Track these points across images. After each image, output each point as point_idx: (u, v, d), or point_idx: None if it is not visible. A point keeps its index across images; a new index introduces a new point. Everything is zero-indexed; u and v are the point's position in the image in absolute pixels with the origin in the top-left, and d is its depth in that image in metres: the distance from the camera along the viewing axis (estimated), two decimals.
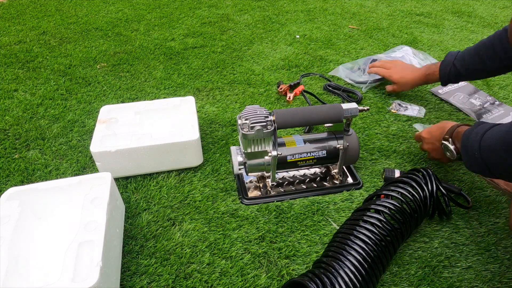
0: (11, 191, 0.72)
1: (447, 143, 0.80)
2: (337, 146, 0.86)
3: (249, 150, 0.81)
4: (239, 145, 0.86)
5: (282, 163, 0.85)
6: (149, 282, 0.70)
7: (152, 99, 1.06)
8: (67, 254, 0.62)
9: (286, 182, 0.92)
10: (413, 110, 1.16)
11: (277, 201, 0.87)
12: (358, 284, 0.61)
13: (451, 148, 0.79)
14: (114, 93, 1.26)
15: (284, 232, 0.80)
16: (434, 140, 0.87)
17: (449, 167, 0.96)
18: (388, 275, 0.71)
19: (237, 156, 0.84)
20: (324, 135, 0.89)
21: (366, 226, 0.68)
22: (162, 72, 1.38)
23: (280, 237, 0.79)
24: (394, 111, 1.17)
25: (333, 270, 0.62)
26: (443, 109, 1.18)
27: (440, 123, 0.88)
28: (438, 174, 0.94)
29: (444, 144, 0.81)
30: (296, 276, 0.69)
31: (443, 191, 0.78)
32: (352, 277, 0.61)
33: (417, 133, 0.95)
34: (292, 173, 0.95)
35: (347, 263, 0.63)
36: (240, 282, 0.70)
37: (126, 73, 1.38)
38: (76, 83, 1.32)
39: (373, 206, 0.73)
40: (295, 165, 0.87)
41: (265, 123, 0.77)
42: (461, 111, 1.18)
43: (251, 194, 0.88)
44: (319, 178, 0.93)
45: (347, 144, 0.86)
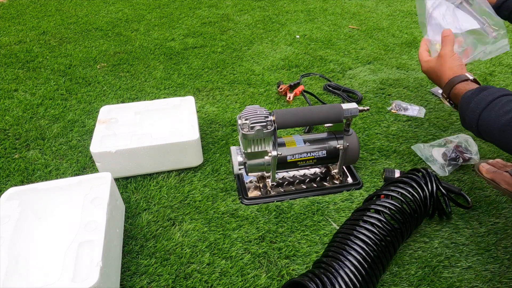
0: (11, 191, 0.72)
1: (444, 99, 0.77)
2: (337, 146, 0.86)
3: (249, 150, 0.81)
4: (239, 145, 0.86)
5: (282, 163, 0.85)
6: (149, 282, 0.70)
7: (152, 99, 1.06)
8: (67, 254, 0.62)
9: (286, 182, 0.92)
10: (413, 110, 1.16)
11: (277, 201, 0.87)
12: (358, 284, 0.61)
13: (448, 104, 0.77)
14: (114, 93, 1.26)
15: (284, 232, 0.80)
16: (435, 82, 0.82)
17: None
18: (388, 275, 0.71)
19: (237, 156, 0.84)
20: (324, 135, 0.89)
21: (366, 226, 0.68)
22: (162, 72, 1.38)
23: (280, 237, 0.79)
24: (394, 111, 1.17)
25: (333, 270, 0.62)
26: (443, 109, 1.18)
27: (437, 66, 0.79)
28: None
29: (442, 96, 0.78)
30: (296, 276, 0.69)
31: (443, 191, 0.78)
32: (352, 277, 0.61)
33: (422, 58, 0.84)
34: (292, 173, 0.95)
35: (347, 263, 0.63)
36: (240, 282, 0.70)
37: (126, 73, 1.38)
38: (76, 83, 1.32)
39: (373, 206, 0.73)
40: (295, 165, 0.87)
41: (265, 123, 0.77)
42: None
43: (251, 194, 0.88)
44: (319, 178, 0.93)
45: (347, 144, 0.86)
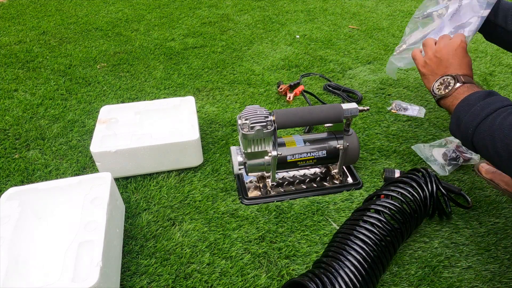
0: (11, 191, 0.72)
1: (452, 80, 0.72)
2: (337, 146, 0.86)
3: (249, 150, 0.81)
4: (239, 145, 0.86)
5: (282, 163, 0.85)
6: (149, 282, 0.70)
7: (152, 99, 1.06)
8: (67, 254, 0.62)
9: (286, 182, 0.92)
10: (413, 110, 1.16)
11: (277, 201, 0.87)
12: (358, 284, 0.61)
13: (452, 87, 0.71)
14: (114, 93, 1.26)
15: (284, 232, 0.80)
16: (428, 76, 0.78)
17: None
18: (388, 275, 0.71)
19: (237, 156, 0.84)
20: (324, 135, 0.89)
21: (366, 226, 0.68)
22: (162, 72, 1.38)
23: (280, 237, 0.79)
24: (394, 111, 1.17)
25: (333, 270, 0.62)
26: (443, 109, 1.18)
27: (440, 57, 0.75)
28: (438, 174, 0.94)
29: (448, 78, 0.73)
30: (296, 276, 0.69)
31: (443, 191, 0.78)
32: (352, 277, 0.61)
33: (414, 55, 0.81)
34: (292, 173, 0.95)
35: (347, 263, 0.63)
36: (240, 282, 0.70)
37: (126, 73, 1.38)
38: (76, 83, 1.32)
39: (373, 206, 0.73)
40: (295, 165, 0.87)
41: (265, 123, 0.77)
42: None
43: (251, 194, 0.88)
44: (319, 178, 0.93)
45: (347, 144, 0.86)
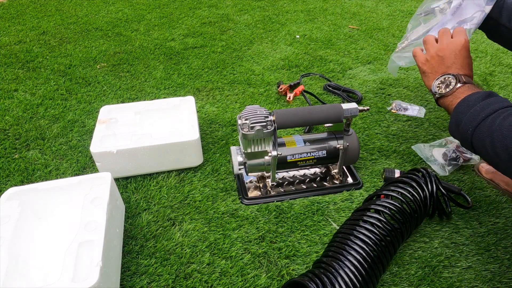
0: (11, 191, 0.72)
1: (453, 80, 0.72)
2: (337, 146, 0.86)
3: (249, 150, 0.81)
4: (239, 145, 0.86)
5: (282, 163, 0.85)
6: (149, 282, 0.70)
7: (152, 99, 1.06)
8: (67, 254, 0.62)
9: (286, 182, 0.92)
10: (413, 110, 1.16)
11: (277, 201, 0.87)
12: (358, 284, 0.61)
13: (453, 86, 0.72)
14: (114, 93, 1.26)
15: (284, 232, 0.80)
16: (428, 74, 0.78)
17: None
18: (388, 275, 0.71)
19: (237, 156, 0.84)
20: (324, 135, 0.89)
21: (366, 226, 0.68)
22: (162, 72, 1.38)
23: (280, 237, 0.79)
24: (394, 111, 1.17)
25: (333, 270, 0.62)
26: (443, 109, 1.18)
27: (442, 55, 0.76)
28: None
29: (449, 77, 0.74)
30: (296, 276, 0.69)
31: (443, 191, 0.78)
32: (352, 277, 0.61)
33: (415, 52, 0.81)
34: (292, 173, 0.95)
35: (347, 263, 0.63)
36: (240, 282, 0.70)
37: (126, 73, 1.38)
38: (76, 83, 1.32)
39: (373, 206, 0.73)
40: (295, 165, 0.87)
41: (265, 123, 0.77)
42: None
43: (251, 194, 0.88)
44: (319, 178, 0.93)
45: (347, 144, 0.86)
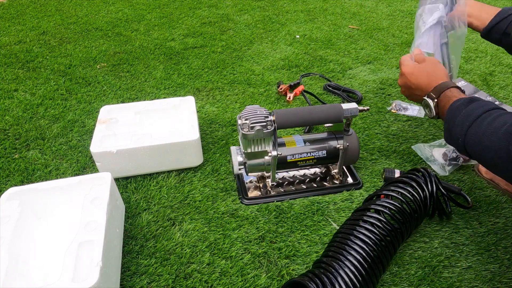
0: (11, 191, 0.72)
1: (430, 101, 0.72)
2: (337, 146, 0.86)
3: (249, 150, 0.81)
4: (239, 145, 0.86)
5: (282, 163, 0.85)
6: (149, 282, 0.70)
7: (152, 99, 1.06)
8: (67, 254, 0.62)
9: (286, 182, 0.92)
10: (413, 110, 1.16)
11: (277, 201, 0.87)
12: (358, 284, 0.61)
13: (432, 108, 0.71)
14: (114, 93, 1.26)
15: (284, 232, 0.80)
16: (415, 88, 0.76)
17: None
18: (388, 275, 0.71)
19: (237, 156, 0.84)
20: (324, 135, 0.89)
21: (366, 226, 0.68)
22: (162, 72, 1.38)
23: (280, 237, 0.79)
24: (394, 111, 1.17)
25: (333, 270, 0.62)
26: None
27: (430, 67, 0.76)
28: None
29: (426, 101, 0.73)
30: (296, 276, 0.69)
31: (443, 191, 0.78)
32: (352, 277, 0.61)
33: (403, 62, 0.80)
34: (292, 173, 0.95)
35: (347, 263, 0.63)
36: (240, 282, 0.70)
37: (126, 73, 1.38)
38: (76, 83, 1.32)
39: (373, 206, 0.73)
40: (295, 165, 0.87)
41: (265, 123, 0.77)
42: None
43: (251, 194, 0.88)
44: (319, 178, 0.93)
45: (347, 144, 0.86)
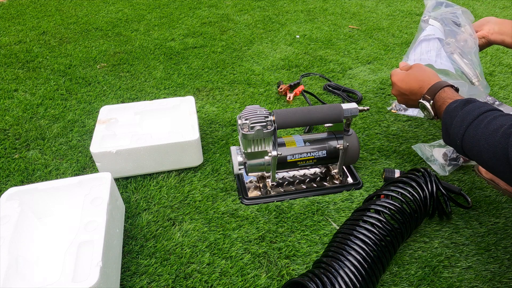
0: (11, 191, 0.72)
1: (426, 103, 0.72)
2: (337, 146, 0.86)
3: (249, 150, 0.81)
4: (239, 145, 0.86)
5: (282, 163, 0.85)
6: (149, 282, 0.70)
7: (152, 99, 1.06)
8: (67, 254, 0.62)
9: (286, 182, 0.92)
10: (413, 110, 1.16)
11: (277, 201, 0.87)
12: (358, 284, 0.61)
13: (430, 109, 0.72)
14: (114, 93, 1.26)
15: (284, 232, 0.80)
16: (409, 93, 0.77)
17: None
18: (388, 275, 0.71)
19: (237, 156, 0.84)
20: (324, 135, 0.89)
21: (366, 226, 0.68)
22: (162, 72, 1.38)
23: (280, 237, 0.79)
24: (394, 111, 1.17)
25: (333, 270, 0.62)
26: None
27: (418, 71, 0.77)
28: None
29: (422, 103, 0.74)
30: (296, 276, 0.69)
31: (443, 191, 0.78)
32: (352, 277, 0.61)
33: (393, 73, 0.82)
34: (292, 173, 0.95)
35: (347, 263, 0.63)
36: (240, 282, 0.70)
37: (126, 73, 1.38)
38: (76, 83, 1.32)
39: (373, 206, 0.73)
40: (295, 165, 0.87)
41: (265, 123, 0.77)
42: None
43: (251, 194, 0.88)
44: (319, 178, 0.93)
45: (347, 144, 0.86)
